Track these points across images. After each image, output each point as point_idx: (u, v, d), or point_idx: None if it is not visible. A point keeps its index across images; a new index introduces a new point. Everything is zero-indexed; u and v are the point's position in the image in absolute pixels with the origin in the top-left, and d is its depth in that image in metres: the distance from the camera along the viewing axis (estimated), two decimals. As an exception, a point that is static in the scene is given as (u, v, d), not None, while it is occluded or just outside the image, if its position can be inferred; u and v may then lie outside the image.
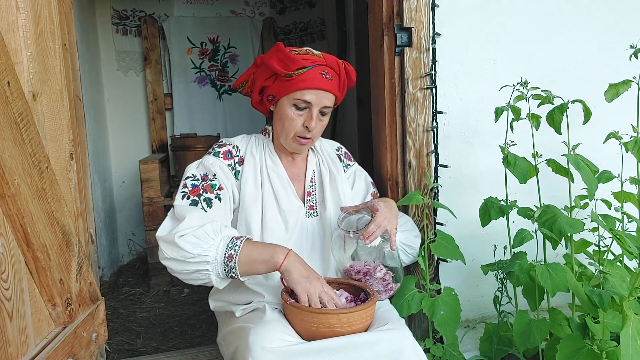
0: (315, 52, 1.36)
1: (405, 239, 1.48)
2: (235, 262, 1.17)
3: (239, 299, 1.35)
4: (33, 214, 1.07)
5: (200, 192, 1.29)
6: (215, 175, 1.32)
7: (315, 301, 1.15)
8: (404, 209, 1.67)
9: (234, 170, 1.36)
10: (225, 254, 1.18)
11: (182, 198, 1.29)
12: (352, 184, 1.52)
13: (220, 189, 1.31)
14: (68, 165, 1.26)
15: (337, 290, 1.30)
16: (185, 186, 1.31)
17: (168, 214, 1.28)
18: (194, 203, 1.27)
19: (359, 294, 1.27)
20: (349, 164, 1.55)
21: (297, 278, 1.17)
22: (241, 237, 1.22)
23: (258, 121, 3.63)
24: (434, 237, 1.52)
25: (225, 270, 1.18)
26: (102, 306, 1.42)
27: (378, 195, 1.58)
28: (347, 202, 1.44)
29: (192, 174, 1.33)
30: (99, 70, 3.42)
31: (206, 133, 3.57)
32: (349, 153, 1.59)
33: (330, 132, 3.51)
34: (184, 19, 3.68)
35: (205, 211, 1.27)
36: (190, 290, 2.80)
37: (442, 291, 1.49)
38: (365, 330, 1.16)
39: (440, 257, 1.66)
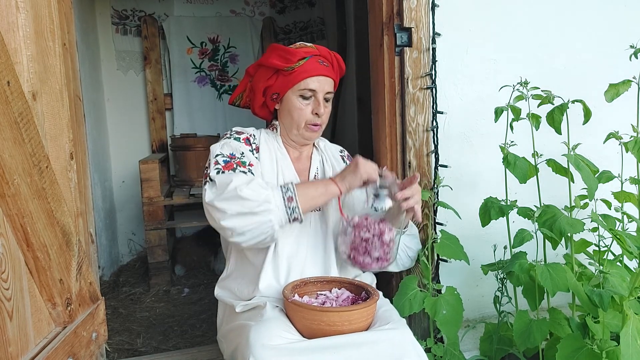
0: (308, 44, 1.42)
1: (410, 241, 1.50)
2: (296, 202, 1.22)
3: (243, 291, 1.35)
4: (33, 213, 1.07)
5: (234, 167, 1.30)
6: (243, 153, 1.34)
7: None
8: (404, 209, 1.67)
9: (254, 155, 1.39)
10: (284, 198, 1.22)
11: (218, 173, 1.28)
12: None
13: (250, 165, 1.33)
14: (68, 164, 1.26)
15: (339, 289, 1.30)
16: (217, 163, 1.30)
17: (206, 187, 1.26)
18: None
19: (360, 293, 1.27)
20: None
21: (353, 182, 1.29)
22: (288, 183, 1.27)
23: (258, 121, 3.62)
24: (436, 237, 1.52)
25: (287, 213, 1.22)
26: (102, 306, 1.42)
27: None
28: (348, 199, 1.45)
29: (220, 152, 1.33)
30: (98, 70, 3.42)
31: (206, 133, 3.57)
32: (352, 157, 1.60)
33: (330, 132, 3.51)
34: (184, 19, 3.68)
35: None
36: (190, 290, 2.81)
37: (443, 291, 1.49)
38: (366, 329, 1.16)
39: (441, 257, 1.66)
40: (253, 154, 1.38)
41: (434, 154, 1.69)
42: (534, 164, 1.52)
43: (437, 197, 1.69)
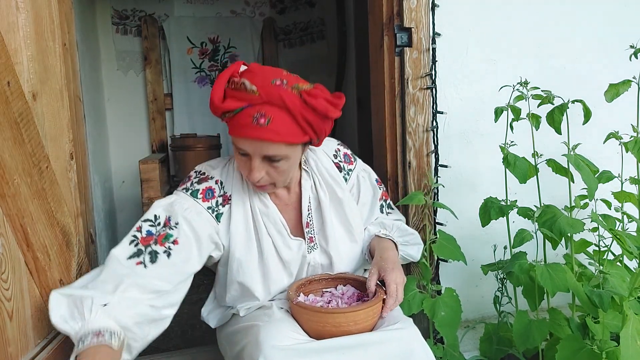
0: (249, 87, 1.05)
1: (408, 255, 1.44)
2: None
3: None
4: (33, 213, 1.07)
5: (151, 242, 1.12)
6: (177, 224, 1.15)
7: None
8: (404, 209, 1.67)
9: (215, 213, 1.22)
10: (82, 339, 0.96)
11: (129, 243, 1.12)
12: (357, 194, 1.40)
13: (175, 242, 1.14)
14: (68, 165, 1.26)
15: (344, 286, 1.29)
16: (139, 229, 1.14)
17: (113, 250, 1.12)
18: (138, 253, 1.10)
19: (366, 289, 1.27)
20: (350, 170, 1.39)
21: None
22: (100, 334, 0.96)
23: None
24: (435, 238, 1.52)
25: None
26: (102, 306, 1.41)
27: (387, 194, 1.49)
28: (356, 221, 1.36)
29: (155, 216, 1.17)
30: (99, 70, 3.42)
31: (206, 133, 3.56)
32: (348, 154, 1.41)
33: (330, 133, 3.50)
34: (184, 19, 3.68)
35: (145, 267, 1.09)
36: (190, 291, 2.79)
37: (442, 292, 1.49)
38: (373, 328, 1.16)
39: (441, 258, 1.66)
40: (215, 210, 1.22)
41: (434, 154, 1.69)
42: (534, 164, 1.52)
43: (437, 198, 1.69)
